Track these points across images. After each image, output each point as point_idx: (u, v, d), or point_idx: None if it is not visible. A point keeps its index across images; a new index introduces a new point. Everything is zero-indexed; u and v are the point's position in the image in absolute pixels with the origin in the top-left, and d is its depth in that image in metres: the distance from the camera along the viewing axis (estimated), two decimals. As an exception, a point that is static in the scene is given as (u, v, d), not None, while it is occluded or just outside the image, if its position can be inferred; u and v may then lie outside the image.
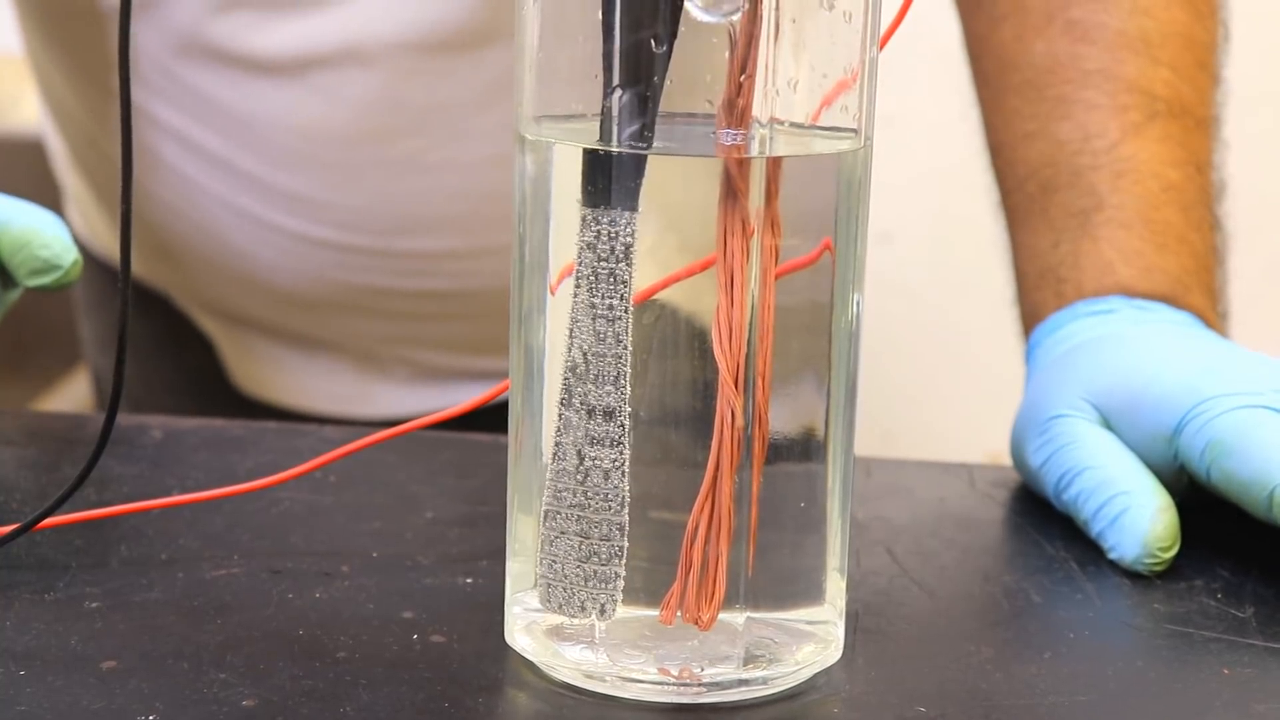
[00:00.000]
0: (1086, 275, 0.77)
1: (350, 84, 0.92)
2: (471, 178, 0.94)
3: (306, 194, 0.95)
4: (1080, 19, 0.82)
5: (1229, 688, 0.59)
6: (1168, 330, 0.75)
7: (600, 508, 0.54)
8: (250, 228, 0.97)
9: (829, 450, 0.57)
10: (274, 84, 0.93)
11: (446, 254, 0.97)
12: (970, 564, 0.69)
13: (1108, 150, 0.79)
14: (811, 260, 0.55)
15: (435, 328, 1.01)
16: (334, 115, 0.93)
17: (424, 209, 0.95)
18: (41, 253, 0.71)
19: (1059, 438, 0.71)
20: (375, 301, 0.99)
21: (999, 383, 1.10)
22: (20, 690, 0.55)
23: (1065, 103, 0.81)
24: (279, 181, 0.95)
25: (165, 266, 1.03)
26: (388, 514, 0.70)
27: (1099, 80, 0.81)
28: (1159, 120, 0.80)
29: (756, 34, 0.52)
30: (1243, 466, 0.67)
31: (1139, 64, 0.81)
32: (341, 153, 0.94)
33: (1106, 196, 0.78)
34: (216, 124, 0.95)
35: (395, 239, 0.96)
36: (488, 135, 0.93)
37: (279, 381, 1.05)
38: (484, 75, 0.92)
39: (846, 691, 0.57)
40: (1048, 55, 0.82)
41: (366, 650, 0.58)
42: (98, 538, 0.66)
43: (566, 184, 0.54)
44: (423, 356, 1.03)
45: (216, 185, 0.97)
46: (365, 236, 0.96)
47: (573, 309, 0.54)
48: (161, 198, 0.98)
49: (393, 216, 0.96)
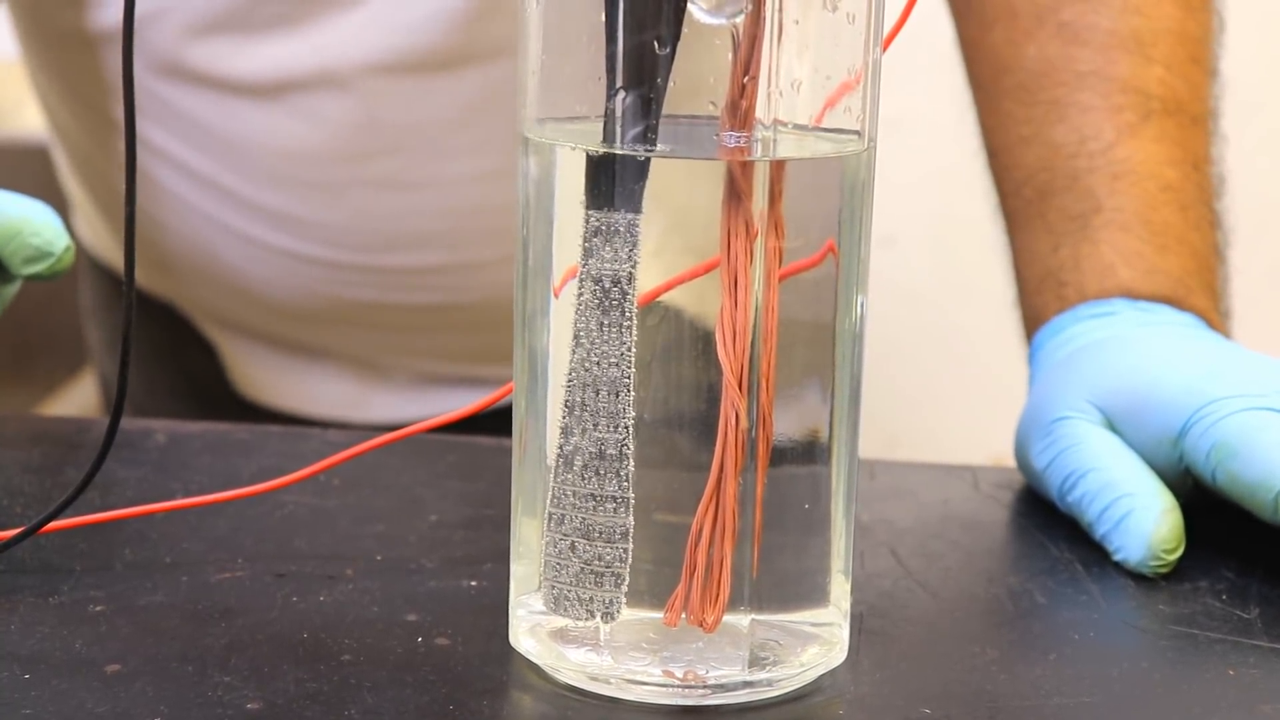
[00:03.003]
0: (1088, 278, 0.77)
1: (327, 106, 0.93)
2: (453, 195, 0.94)
3: (292, 212, 0.96)
4: (1071, 20, 0.82)
5: (1234, 689, 0.59)
6: (1171, 332, 0.75)
7: (604, 510, 0.54)
8: (241, 245, 0.98)
9: (833, 452, 0.57)
10: (254, 106, 0.94)
11: (433, 269, 0.97)
12: (974, 566, 0.69)
13: (1104, 152, 0.79)
14: (815, 262, 0.55)
15: (429, 339, 1.02)
16: (312, 136, 0.94)
17: (407, 226, 0.96)
18: (33, 240, 0.70)
19: (1063, 440, 0.71)
20: (368, 315, 1.00)
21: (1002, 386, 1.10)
22: (25, 694, 0.55)
23: (1059, 106, 0.81)
24: (265, 200, 0.96)
25: (166, 279, 1.04)
26: (392, 517, 0.70)
27: (1092, 82, 0.80)
28: (1154, 119, 0.80)
29: (759, 36, 0.52)
30: (1248, 469, 0.67)
31: (1132, 63, 0.81)
32: (322, 172, 0.95)
33: (1104, 199, 0.78)
34: (202, 144, 0.96)
35: (381, 255, 0.97)
36: (468, 152, 0.93)
37: (280, 387, 1.05)
38: (461, 95, 0.92)
39: (851, 693, 0.57)
40: (1040, 58, 0.82)
41: (371, 653, 0.58)
42: (102, 541, 0.66)
43: (570, 186, 0.54)
44: (421, 364, 1.03)
45: (207, 204, 0.97)
46: (351, 253, 0.97)
47: (576, 312, 0.54)
48: (155, 216, 0.99)
49: (377, 234, 0.96)
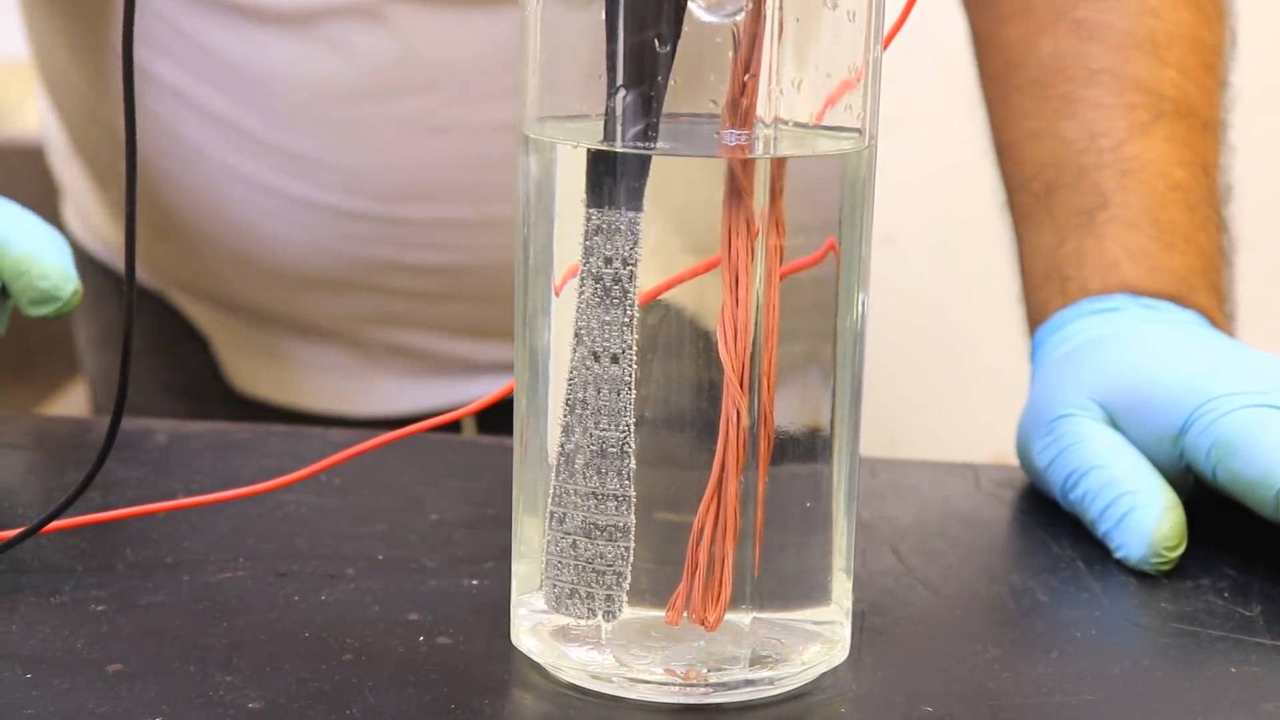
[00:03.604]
0: (1091, 273, 0.77)
1: (359, 37, 0.90)
2: (481, 143, 0.93)
3: (310, 154, 0.94)
4: (1087, 18, 0.82)
5: (1236, 686, 0.59)
6: (1173, 329, 0.75)
7: (606, 509, 0.54)
8: (254, 195, 0.96)
9: (834, 450, 0.57)
10: (282, 36, 0.91)
11: (453, 223, 0.96)
12: (976, 563, 0.69)
13: (1113, 149, 0.79)
14: (816, 260, 0.55)
15: (437, 309, 1.00)
16: (343, 70, 0.91)
17: (431, 175, 0.94)
18: (40, 283, 0.69)
19: (1065, 437, 0.71)
20: (374, 277, 0.98)
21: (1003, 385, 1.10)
22: (26, 694, 0.55)
23: (1071, 101, 0.81)
24: (285, 142, 0.94)
25: (163, 247, 1.02)
26: (393, 516, 0.70)
27: (1105, 79, 0.80)
28: (1165, 120, 0.80)
29: (760, 34, 0.52)
30: (1249, 466, 0.67)
31: (1146, 64, 0.81)
32: (349, 110, 0.92)
33: (1112, 195, 0.78)
34: (220, 80, 0.94)
35: (399, 205, 0.95)
36: (499, 97, 0.92)
37: (274, 378, 1.05)
38: (499, 34, 0.91)
39: (853, 691, 0.57)
40: (1054, 54, 0.82)
41: (372, 652, 0.58)
42: (103, 541, 0.66)
43: (571, 185, 0.54)
44: (418, 342, 1.02)
45: (221, 148, 0.95)
46: (368, 202, 0.95)
47: (577, 310, 0.54)
48: (160, 166, 0.97)
49: (399, 181, 0.94)
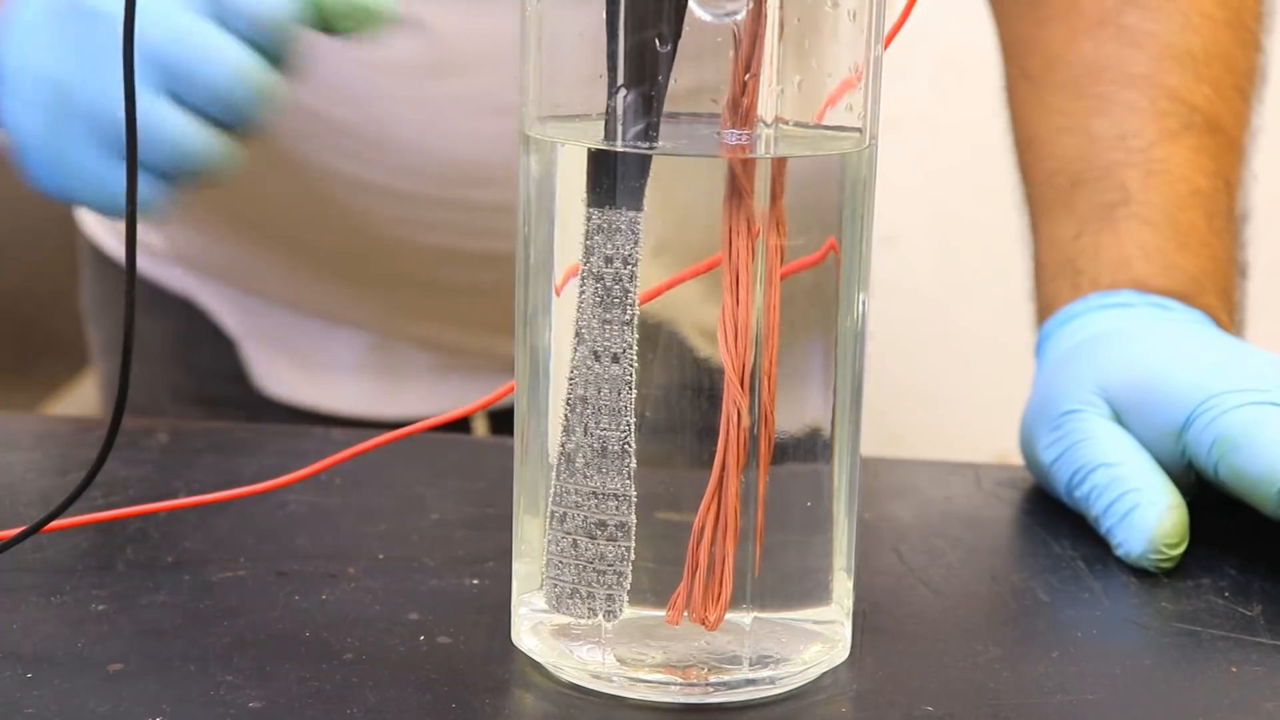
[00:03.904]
0: (1104, 268, 0.78)
1: (430, 9, 0.89)
2: None
3: (368, 134, 0.92)
4: (1131, 25, 0.83)
5: (1237, 686, 0.59)
6: (1178, 327, 0.75)
7: (607, 508, 0.54)
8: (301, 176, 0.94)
9: (835, 450, 0.57)
10: None
11: (500, 207, 0.94)
12: (977, 563, 0.69)
13: (1142, 150, 0.80)
14: (817, 260, 0.55)
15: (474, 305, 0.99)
16: (408, 44, 0.89)
17: (492, 155, 0.93)
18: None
19: (1072, 434, 0.71)
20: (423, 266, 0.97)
21: (1004, 386, 1.10)
22: (27, 693, 0.55)
23: (1105, 101, 0.82)
24: (348, 121, 0.92)
25: (200, 238, 1.00)
26: (393, 516, 0.70)
27: (1142, 85, 0.82)
28: (1194, 131, 0.81)
29: (760, 33, 0.52)
30: (1250, 463, 0.67)
31: (1183, 76, 0.82)
32: (410, 86, 0.91)
33: (1135, 193, 0.79)
34: None
35: (458, 189, 0.93)
36: None
37: (300, 375, 1.04)
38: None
39: (854, 691, 0.57)
40: (1095, 56, 0.83)
41: (373, 652, 0.58)
42: (104, 540, 0.66)
43: (571, 184, 0.54)
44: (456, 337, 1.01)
45: (283, 134, 0.92)
46: (436, 187, 0.93)
47: (578, 309, 0.54)
48: None
49: (458, 162, 0.93)
